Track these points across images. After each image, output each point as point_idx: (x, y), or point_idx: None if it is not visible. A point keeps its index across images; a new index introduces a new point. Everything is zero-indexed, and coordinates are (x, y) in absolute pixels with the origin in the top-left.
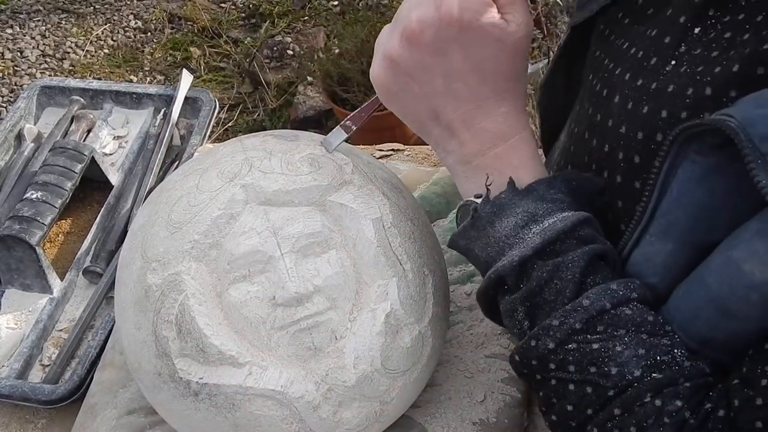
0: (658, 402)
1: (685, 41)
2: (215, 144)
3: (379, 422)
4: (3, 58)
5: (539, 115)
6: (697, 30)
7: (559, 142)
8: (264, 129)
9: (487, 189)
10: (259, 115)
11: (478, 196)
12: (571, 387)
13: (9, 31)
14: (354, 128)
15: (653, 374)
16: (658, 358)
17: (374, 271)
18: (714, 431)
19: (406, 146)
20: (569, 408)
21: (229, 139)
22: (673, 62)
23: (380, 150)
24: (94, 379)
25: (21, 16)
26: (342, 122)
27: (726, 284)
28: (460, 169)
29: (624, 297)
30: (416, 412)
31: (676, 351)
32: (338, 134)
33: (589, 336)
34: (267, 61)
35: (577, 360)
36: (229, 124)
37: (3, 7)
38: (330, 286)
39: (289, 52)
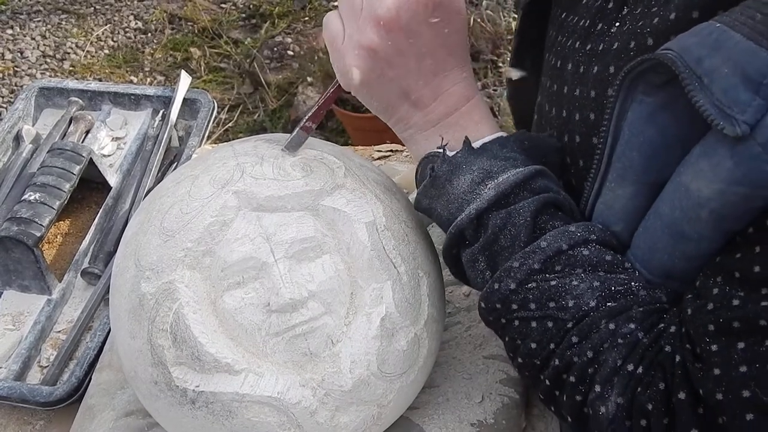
0: (611, 326)
1: (627, 4)
2: (209, 147)
3: (377, 425)
4: (3, 59)
5: (512, 112)
6: None
7: None
8: (264, 129)
9: (443, 149)
10: (259, 115)
11: (440, 148)
12: (534, 324)
13: (9, 31)
14: (314, 127)
15: (608, 303)
16: (613, 288)
17: (368, 274)
18: (666, 346)
19: (405, 147)
20: (533, 346)
21: (230, 140)
22: (617, 24)
23: (379, 151)
24: (92, 380)
25: (21, 16)
26: (301, 124)
27: (677, 208)
28: (421, 135)
29: (582, 238)
30: (414, 414)
31: (633, 283)
32: (300, 136)
33: (547, 275)
34: (267, 61)
35: (537, 297)
36: (230, 125)
37: (3, 7)
38: (324, 291)
39: (290, 52)
